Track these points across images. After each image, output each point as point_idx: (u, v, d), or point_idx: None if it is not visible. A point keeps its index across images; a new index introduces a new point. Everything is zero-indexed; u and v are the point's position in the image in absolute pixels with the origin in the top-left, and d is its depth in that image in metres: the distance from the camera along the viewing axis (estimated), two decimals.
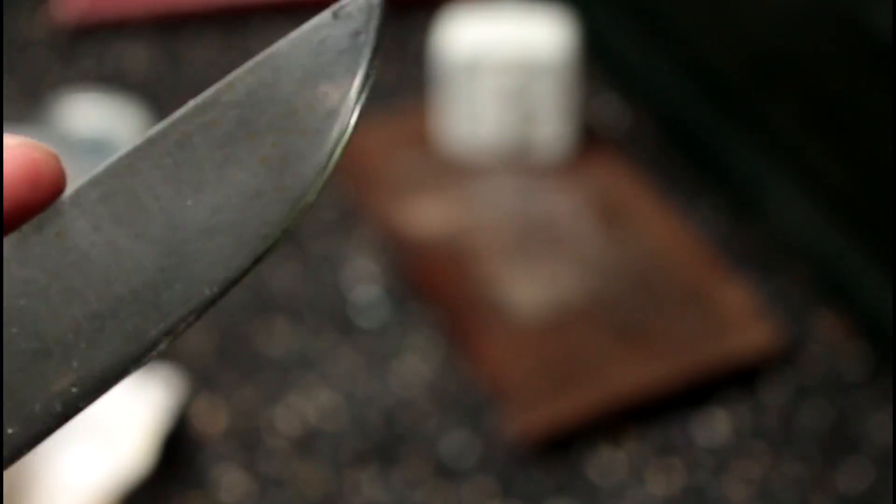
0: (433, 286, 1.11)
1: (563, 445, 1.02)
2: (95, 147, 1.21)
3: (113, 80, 1.29)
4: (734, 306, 1.08)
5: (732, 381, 1.05)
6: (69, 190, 0.28)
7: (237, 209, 0.28)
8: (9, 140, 0.27)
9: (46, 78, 1.30)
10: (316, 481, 1.00)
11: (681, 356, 1.05)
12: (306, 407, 1.04)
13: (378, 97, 1.29)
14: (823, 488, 0.99)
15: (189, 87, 1.30)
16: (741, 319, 1.07)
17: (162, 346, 0.28)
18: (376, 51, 0.29)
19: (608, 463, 1.01)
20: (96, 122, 1.24)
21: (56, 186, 0.28)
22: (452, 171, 1.19)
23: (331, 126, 0.28)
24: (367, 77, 0.28)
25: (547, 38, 1.15)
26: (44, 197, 0.28)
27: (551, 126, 1.18)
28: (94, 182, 0.28)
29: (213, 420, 1.03)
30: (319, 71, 0.28)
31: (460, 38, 1.15)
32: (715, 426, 1.03)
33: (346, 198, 1.19)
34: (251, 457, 1.01)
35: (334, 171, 0.28)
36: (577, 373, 1.04)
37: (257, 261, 0.28)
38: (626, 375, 1.04)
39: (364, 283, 1.12)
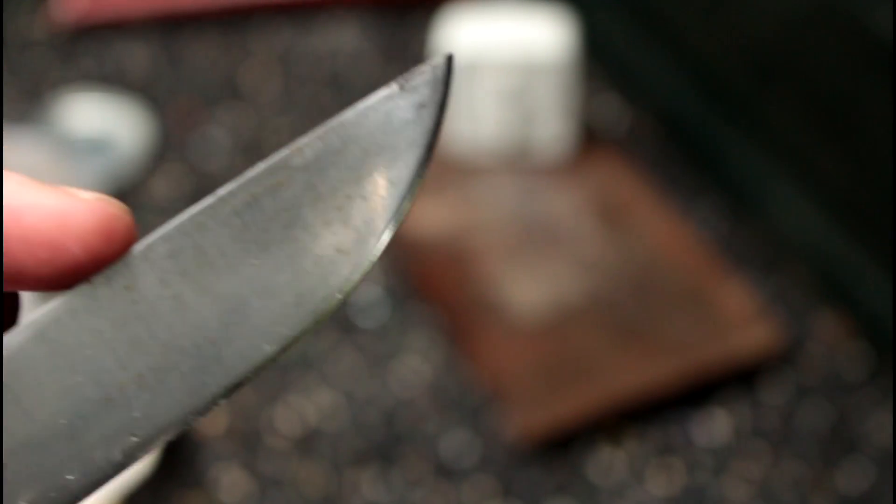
0: (433, 286, 1.11)
1: (563, 445, 1.02)
2: (95, 147, 1.21)
3: (113, 80, 1.29)
4: (734, 306, 1.08)
5: (732, 381, 1.05)
6: (139, 244, 0.29)
7: (300, 270, 0.29)
8: (85, 194, 0.29)
9: (46, 78, 1.30)
10: (316, 481, 1.00)
11: (681, 356, 1.05)
12: (306, 407, 1.04)
13: None
14: (823, 488, 0.99)
15: (189, 87, 1.30)
16: (741, 319, 1.07)
17: (222, 401, 0.29)
18: (439, 123, 0.30)
19: (608, 463, 1.01)
20: (96, 122, 1.24)
21: (128, 240, 0.29)
22: (452, 171, 1.19)
23: (393, 194, 0.29)
24: (429, 148, 0.29)
25: (547, 38, 1.15)
26: (116, 250, 0.29)
27: (551, 126, 1.18)
28: (164, 238, 0.29)
29: (213, 420, 1.03)
30: (384, 141, 0.29)
31: (460, 38, 1.15)
32: (715, 426, 1.03)
33: None
34: (251, 457, 1.01)
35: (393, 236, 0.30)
36: (577, 373, 1.04)
37: (317, 321, 0.29)
38: (626, 375, 1.04)
39: (364, 283, 1.12)
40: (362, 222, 0.29)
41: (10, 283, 0.29)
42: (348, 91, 1.29)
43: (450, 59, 0.30)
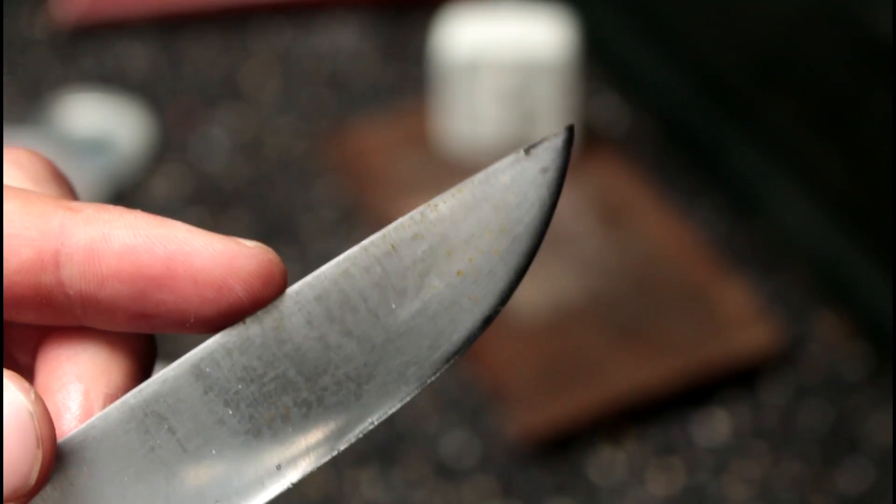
0: None
1: (563, 445, 1.02)
2: (95, 147, 1.22)
3: (113, 80, 1.29)
4: (734, 306, 1.08)
5: (732, 381, 1.05)
6: (290, 289, 0.32)
7: (434, 315, 0.32)
8: (248, 242, 0.32)
9: (46, 78, 1.30)
10: (316, 481, 1.00)
11: (681, 356, 1.05)
12: None
13: (378, 97, 1.29)
14: (823, 488, 0.99)
15: (189, 87, 1.30)
16: (741, 319, 1.07)
17: (359, 435, 0.32)
18: (560, 186, 0.33)
19: (608, 463, 1.01)
20: (96, 122, 1.24)
21: (282, 285, 0.32)
22: (452, 171, 1.19)
23: (519, 248, 0.33)
24: (551, 208, 0.33)
25: (547, 38, 1.15)
26: (272, 293, 0.32)
27: (551, 126, 1.18)
28: (311, 282, 0.32)
29: None
30: (511, 200, 0.32)
31: (460, 38, 1.15)
32: (715, 426, 1.03)
33: (346, 198, 1.19)
34: None
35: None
36: (577, 373, 1.04)
37: (448, 361, 0.33)
38: (626, 375, 1.04)
39: None
40: (490, 273, 0.32)
41: (174, 323, 0.32)
42: (348, 91, 1.29)
43: (570, 129, 0.33)
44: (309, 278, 0.32)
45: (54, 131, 1.23)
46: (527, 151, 0.33)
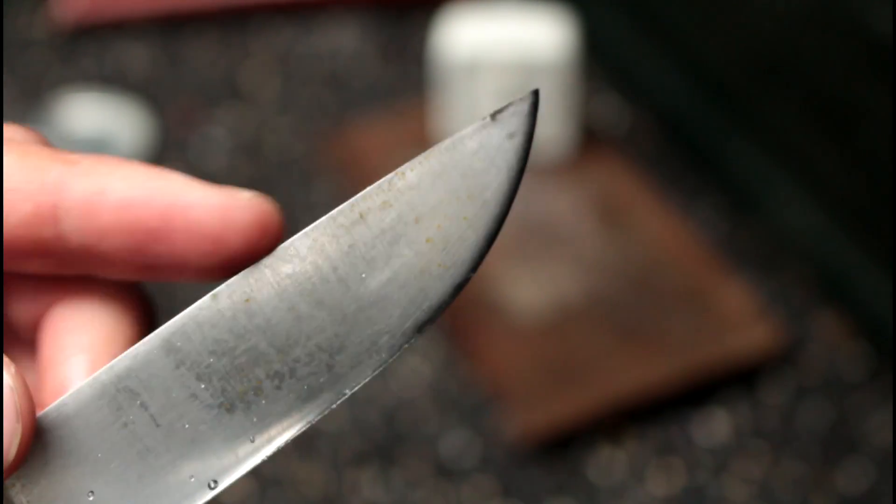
0: None
1: (563, 445, 1.02)
2: (95, 147, 1.21)
3: (113, 80, 1.29)
4: (734, 306, 1.08)
5: (732, 381, 1.05)
6: (260, 263, 0.32)
7: (404, 283, 0.32)
8: (244, 193, 0.32)
9: (46, 78, 1.30)
10: (316, 481, 1.00)
11: (681, 356, 1.05)
12: None
13: (378, 97, 1.29)
14: (823, 488, 0.99)
15: (189, 87, 1.30)
16: (741, 319, 1.07)
17: (332, 405, 0.32)
18: (528, 151, 0.33)
19: (608, 463, 1.01)
20: (96, 122, 1.24)
21: (279, 235, 0.32)
22: None
23: (487, 214, 0.33)
24: (519, 173, 0.33)
25: (547, 38, 1.15)
26: (270, 243, 0.32)
27: (551, 126, 1.18)
28: (280, 255, 0.32)
29: None
30: (479, 166, 0.33)
31: (460, 38, 1.15)
32: (715, 426, 1.03)
33: (345, 198, 1.19)
34: None
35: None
36: (577, 373, 1.04)
37: (419, 329, 0.32)
38: (626, 375, 1.04)
39: None
40: (460, 240, 0.32)
41: (174, 274, 0.32)
42: (348, 91, 1.29)
43: (536, 94, 0.33)
44: (278, 249, 0.32)
45: (54, 131, 1.23)
46: (493, 117, 0.33)
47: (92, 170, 0.32)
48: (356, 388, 0.32)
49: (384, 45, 1.34)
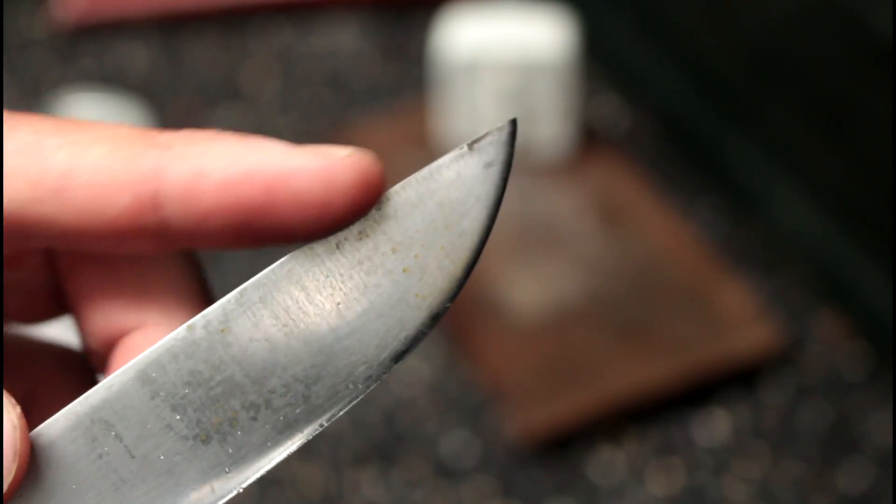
0: None
1: (563, 445, 1.02)
2: None
3: (113, 80, 1.29)
4: (734, 306, 1.08)
5: (732, 381, 1.05)
6: (235, 291, 0.32)
7: (381, 313, 0.32)
8: (342, 151, 0.32)
9: (46, 78, 1.30)
10: (316, 481, 1.00)
11: (681, 356, 1.05)
12: None
13: (378, 97, 1.29)
14: (823, 488, 0.99)
15: (189, 87, 1.30)
16: (741, 319, 1.07)
17: (309, 437, 0.32)
18: (505, 180, 0.33)
19: (608, 463, 1.01)
20: None
21: (381, 188, 0.32)
22: None
23: (465, 243, 0.32)
24: (496, 202, 0.32)
25: (547, 38, 1.15)
26: (372, 199, 0.32)
27: (551, 126, 1.18)
28: (257, 284, 0.32)
29: None
30: (455, 196, 0.32)
31: (460, 38, 1.15)
32: (715, 426, 1.03)
33: None
34: None
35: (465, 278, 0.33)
36: (577, 373, 1.04)
37: (396, 360, 0.32)
38: (626, 375, 1.04)
39: None
40: (437, 269, 0.32)
41: (279, 242, 0.32)
42: (348, 91, 1.29)
43: (514, 123, 0.32)
44: (254, 279, 0.32)
45: None
46: (470, 146, 0.32)
47: (188, 151, 0.31)
48: (333, 420, 0.32)
49: (384, 45, 1.34)
